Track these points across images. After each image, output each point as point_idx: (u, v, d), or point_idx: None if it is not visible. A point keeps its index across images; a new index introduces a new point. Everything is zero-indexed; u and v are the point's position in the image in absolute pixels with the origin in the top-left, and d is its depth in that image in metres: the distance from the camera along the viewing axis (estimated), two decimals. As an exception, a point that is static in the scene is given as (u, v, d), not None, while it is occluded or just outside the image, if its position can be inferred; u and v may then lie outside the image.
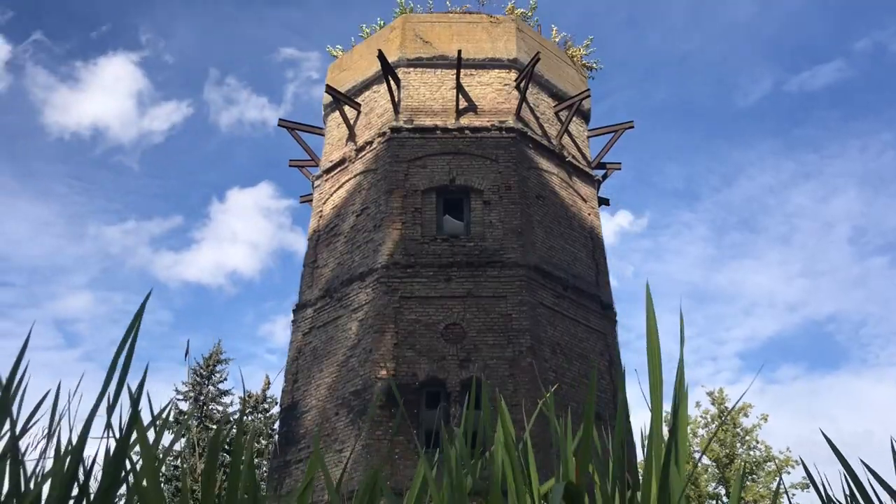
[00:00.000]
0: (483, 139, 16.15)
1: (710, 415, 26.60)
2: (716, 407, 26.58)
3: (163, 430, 2.00)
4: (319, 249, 16.53)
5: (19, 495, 1.79)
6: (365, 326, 14.29)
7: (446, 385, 13.46)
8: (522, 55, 17.33)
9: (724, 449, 25.34)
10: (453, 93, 16.69)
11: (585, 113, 18.78)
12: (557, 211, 16.43)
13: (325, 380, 14.50)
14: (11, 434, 1.85)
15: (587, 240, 16.85)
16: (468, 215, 15.44)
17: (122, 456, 1.74)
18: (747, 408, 25.77)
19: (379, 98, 17.29)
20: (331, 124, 18.53)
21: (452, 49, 16.85)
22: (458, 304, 14.22)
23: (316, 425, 13.85)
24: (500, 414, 2.03)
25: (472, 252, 14.84)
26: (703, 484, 25.11)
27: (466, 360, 13.63)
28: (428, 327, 14.00)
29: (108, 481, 1.71)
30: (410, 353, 13.73)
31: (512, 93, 16.87)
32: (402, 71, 17.10)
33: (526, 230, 15.19)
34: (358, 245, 15.59)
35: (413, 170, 15.80)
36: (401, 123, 16.33)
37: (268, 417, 29.47)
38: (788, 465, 24.05)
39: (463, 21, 18.03)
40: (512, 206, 15.31)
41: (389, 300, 14.22)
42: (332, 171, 17.44)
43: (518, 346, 13.71)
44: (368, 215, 15.76)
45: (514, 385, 13.23)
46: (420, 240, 14.98)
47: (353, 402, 13.67)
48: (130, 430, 1.76)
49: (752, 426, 25.65)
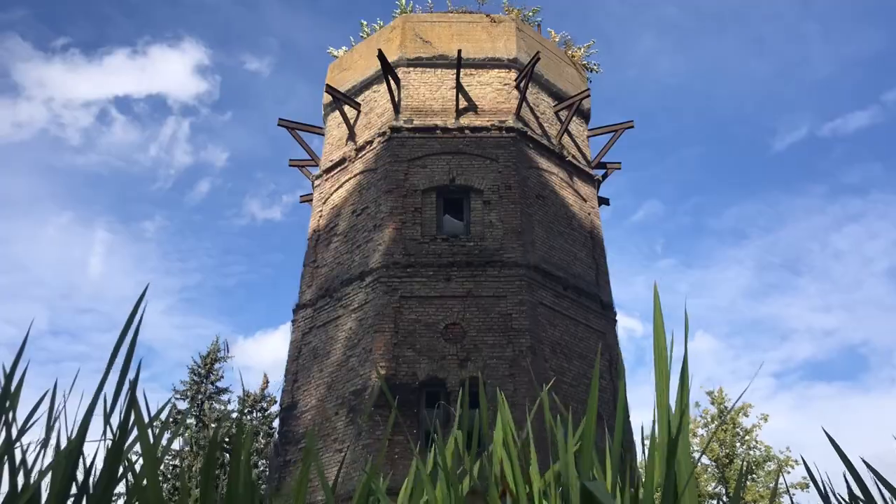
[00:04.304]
0: (483, 139, 16.15)
1: (710, 415, 26.62)
2: (716, 407, 26.58)
3: (163, 430, 2.00)
4: (319, 249, 16.52)
5: (18, 494, 1.78)
6: (365, 326, 14.29)
7: (446, 385, 13.45)
8: (522, 55, 17.33)
9: (724, 449, 25.34)
10: (453, 92, 16.68)
11: (585, 112, 18.77)
12: (557, 210, 16.42)
13: (325, 379, 14.49)
14: (8, 433, 1.84)
15: (587, 239, 16.84)
16: (468, 215, 15.43)
17: (121, 454, 1.74)
18: (747, 407, 25.78)
19: (379, 98, 17.28)
20: (331, 124, 18.52)
21: (452, 49, 16.84)
22: (458, 303, 14.21)
23: (315, 425, 13.85)
24: (500, 412, 2.03)
25: (472, 252, 14.84)
26: (703, 484, 25.10)
27: (466, 360, 13.62)
28: (428, 327, 14.00)
29: (107, 479, 1.71)
30: (410, 353, 13.72)
31: (512, 92, 16.87)
32: (402, 71, 17.09)
33: (526, 230, 15.18)
34: (358, 244, 15.58)
35: (413, 169, 15.80)
36: (401, 123, 16.33)
37: (266, 416, 29.46)
38: (788, 465, 24.05)
39: (463, 21, 18.02)
40: (512, 206, 15.31)
41: (389, 300, 14.21)
42: (332, 170, 17.43)
43: (518, 346, 13.70)
44: (368, 215, 15.75)
45: (513, 385, 13.22)
46: (420, 239, 14.97)
47: (353, 401, 13.67)
48: (128, 428, 1.75)
49: (752, 426, 25.67)
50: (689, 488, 1.62)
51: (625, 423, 1.87)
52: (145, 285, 1.89)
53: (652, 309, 1.74)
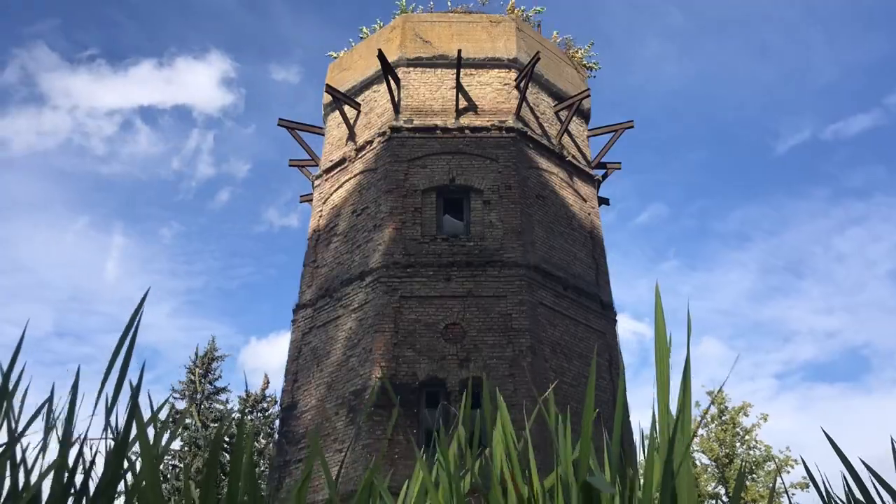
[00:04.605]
0: (483, 139, 16.15)
1: (710, 415, 26.58)
2: (715, 407, 26.57)
3: (163, 430, 2.00)
4: (319, 249, 16.52)
5: (19, 493, 1.79)
6: (364, 326, 14.29)
7: (446, 385, 13.45)
8: (522, 55, 17.33)
9: (724, 449, 25.33)
10: (453, 92, 16.68)
11: (585, 112, 18.77)
12: (557, 210, 16.42)
13: (325, 379, 14.49)
14: (8, 432, 1.84)
15: (587, 239, 16.84)
16: (468, 215, 15.43)
17: (122, 454, 1.74)
18: (747, 407, 25.77)
19: (379, 98, 17.28)
20: (331, 124, 18.52)
21: (452, 49, 16.84)
22: (458, 303, 14.21)
23: (315, 424, 13.85)
24: (500, 412, 2.03)
25: (472, 252, 14.84)
26: (703, 484, 25.10)
27: (466, 360, 13.62)
28: (428, 327, 14.00)
29: (108, 479, 1.71)
30: (410, 353, 13.72)
31: (512, 92, 16.87)
32: (402, 70, 17.09)
33: (526, 230, 15.18)
34: (358, 244, 15.58)
35: (413, 169, 15.80)
36: (401, 123, 16.33)
37: (266, 416, 29.46)
38: (788, 465, 24.05)
39: (463, 21, 18.02)
40: (512, 206, 15.31)
41: (389, 300, 14.21)
42: (332, 170, 17.43)
43: (518, 346, 13.70)
44: (368, 215, 15.75)
45: (513, 385, 13.22)
46: (420, 239, 14.97)
47: (353, 401, 13.67)
48: (129, 428, 1.76)
49: (752, 426, 25.66)
50: (688, 488, 1.63)
51: (624, 423, 1.87)
52: (147, 287, 1.89)
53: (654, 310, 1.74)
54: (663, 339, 1.68)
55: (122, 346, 1.81)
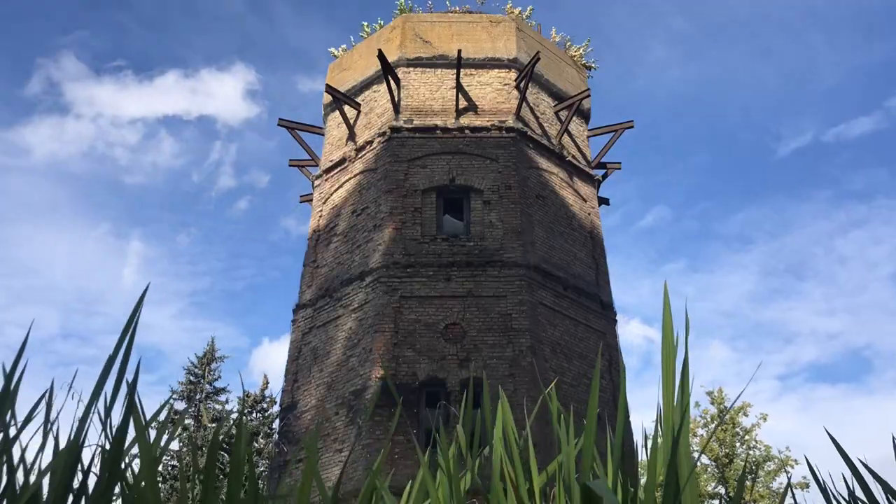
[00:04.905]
0: (483, 139, 16.14)
1: (710, 415, 26.59)
2: (715, 407, 26.57)
3: (163, 430, 1.99)
4: (319, 249, 16.51)
5: (18, 493, 1.78)
6: (364, 326, 14.28)
7: (446, 384, 13.45)
8: (522, 55, 17.32)
9: (724, 448, 25.34)
10: (453, 92, 16.67)
11: (585, 113, 18.77)
12: (557, 210, 16.42)
13: (325, 379, 14.49)
14: (6, 432, 1.84)
15: (587, 239, 16.83)
16: (468, 215, 15.43)
17: (120, 454, 1.73)
18: (746, 407, 25.77)
19: (379, 98, 17.27)
20: (331, 124, 18.51)
21: (452, 49, 16.83)
22: (458, 303, 14.21)
23: (315, 425, 13.83)
24: (502, 411, 2.02)
25: (472, 252, 14.83)
26: (703, 484, 25.10)
27: (466, 360, 13.61)
28: (428, 327, 13.99)
29: (107, 479, 1.70)
30: (410, 353, 13.72)
31: (512, 92, 16.86)
32: (402, 71, 17.08)
33: (526, 230, 15.17)
34: (358, 244, 15.57)
35: (413, 169, 15.79)
36: (401, 123, 16.32)
37: (266, 417, 29.46)
38: (788, 465, 24.05)
39: (463, 21, 18.01)
40: (512, 206, 15.30)
41: (389, 300, 14.21)
42: (332, 170, 17.43)
43: (518, 346, 13.70)
44: (368, 215, 15.75)
45: (514, 385, 13.21)
46: (420, 239, 14.96)
47: (353, 401, 13.66)
48: (126, 428, 1.75)
49: (752, 426, 25.66)
50: (689, 487, 1.62)
51: (625, 423, 1.87)
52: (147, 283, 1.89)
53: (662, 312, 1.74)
54: (670, 337, 1.67)
55: (122, 345, 1.80)
